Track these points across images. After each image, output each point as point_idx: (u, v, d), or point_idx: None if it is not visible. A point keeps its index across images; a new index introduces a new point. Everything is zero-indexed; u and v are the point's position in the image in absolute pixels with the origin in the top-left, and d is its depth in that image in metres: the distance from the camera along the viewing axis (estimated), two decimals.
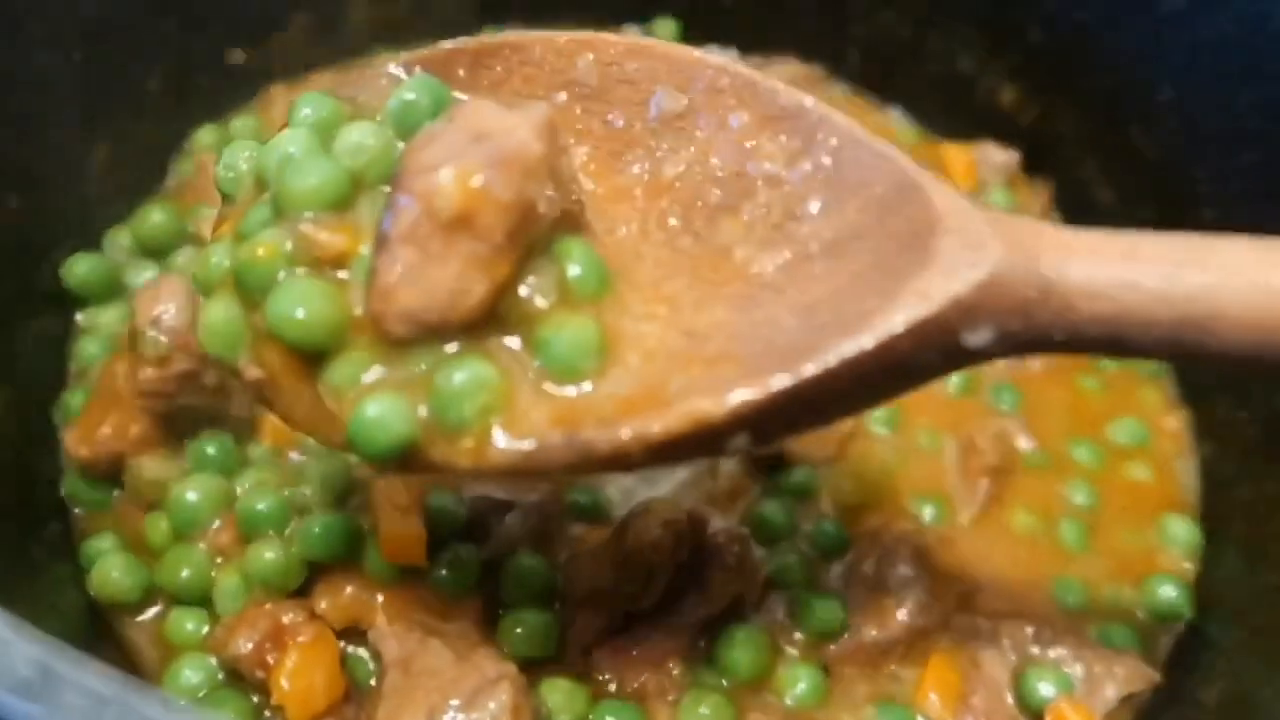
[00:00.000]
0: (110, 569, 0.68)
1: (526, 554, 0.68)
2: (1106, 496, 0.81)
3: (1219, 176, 0.85)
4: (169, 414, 0.71)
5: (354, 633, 0.66)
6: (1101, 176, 0.96)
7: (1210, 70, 0.85)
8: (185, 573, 0.68)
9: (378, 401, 0.46)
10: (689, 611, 0.68)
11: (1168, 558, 0.79)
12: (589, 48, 0.56)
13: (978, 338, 0.48)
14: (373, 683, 0.65)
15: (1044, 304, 0.47)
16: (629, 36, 0.57)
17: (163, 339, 0.69)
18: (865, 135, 0.52)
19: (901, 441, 0.82)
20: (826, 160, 0.52)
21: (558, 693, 0.64)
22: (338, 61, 1.04)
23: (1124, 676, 0.68)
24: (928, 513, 0.78)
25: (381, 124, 0.52)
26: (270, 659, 0.63)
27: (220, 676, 0.65)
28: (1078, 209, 0.99)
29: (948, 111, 1.07)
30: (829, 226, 0.51)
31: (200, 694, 0.64)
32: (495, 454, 0.46)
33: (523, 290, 0.48)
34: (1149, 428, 0.86)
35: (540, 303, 0.48)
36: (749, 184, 0.54)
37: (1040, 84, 0.99)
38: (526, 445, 0.46)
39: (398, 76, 0.56)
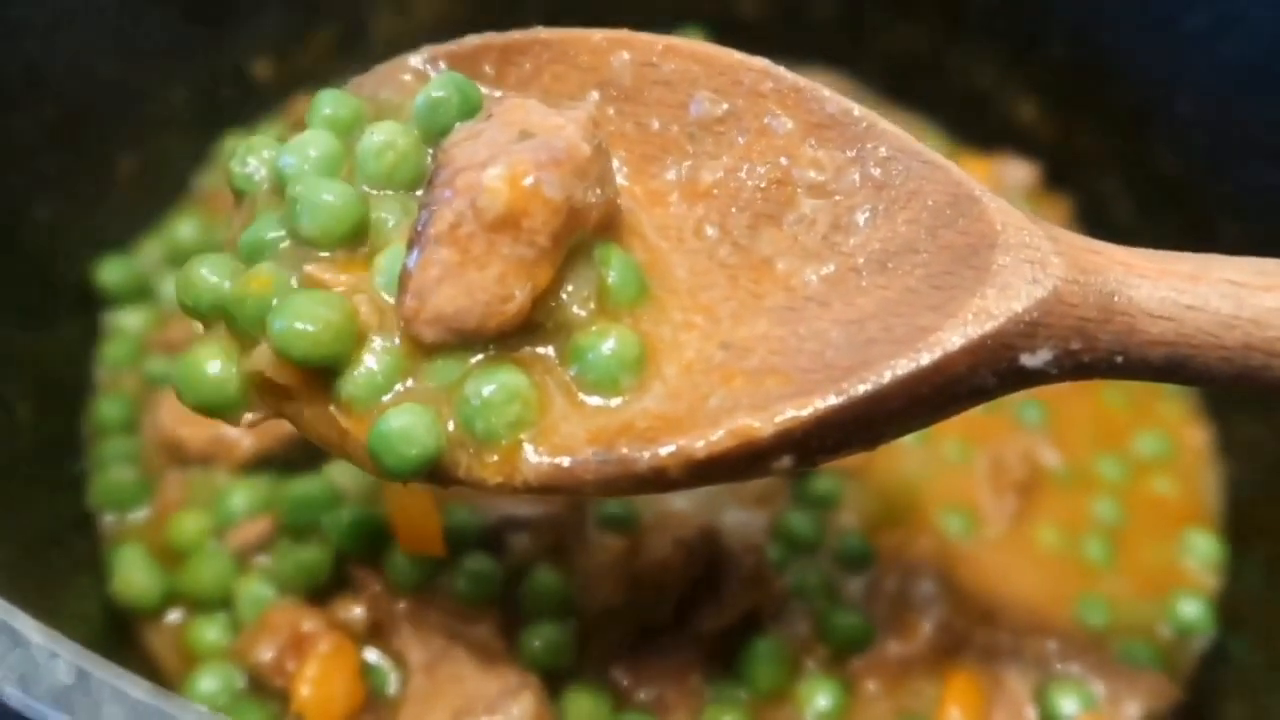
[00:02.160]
0: (133, 574, 0.69)
1: (544, 568, 0.68)
2: (1131, 511, 0.81)
3: (1240, 193, 0.85)
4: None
5: (373, 642, 0.66)
6: (1122, 192, 0.96)
7: (1231, 88, 0.85)
8: (208, 577, 0.68)
9: (401, 414, 0.43)
10: (705, 623, 0.68)
11: (1191, 573, 0.78)
12: (625, 46, 0.54)
13: (1036, 359, 0.46)
14: (391, 692, 0.65)
15: (1106, 324, 0.46)
16: (667, 36, 0.54)
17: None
18: (916, 145, 0.50)
19: (928, 455, 0.81)
20: (875, 170, 0.50)
21: (580, 703, 0.65)
22: (360, 72, 1.04)
23: (1146, 693, 0.69)
24: (953, 527, 0.78)
25: (407, 124, 0.49)
26: (290, 667, 0.63)
27: (240, 684, 0.66)
28: (1098, 224, 0.98)
29: (968, 126, 1.07)
30: (877, 238, 0.49)
31: (219, 702, 0.65)
32: (526, 470, 0.45)
33: (560, 297, 0.46)
34: (1172, 441, 0.86)
35: (578, 311, 0.46)
36: (792, 193, 0.51)
37: (1061, 99, 0.99)
38: (560, 462, 0.44)
39: (421, 71, 0.54)
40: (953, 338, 0.45)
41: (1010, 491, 0.80)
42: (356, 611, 0.66)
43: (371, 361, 0.45)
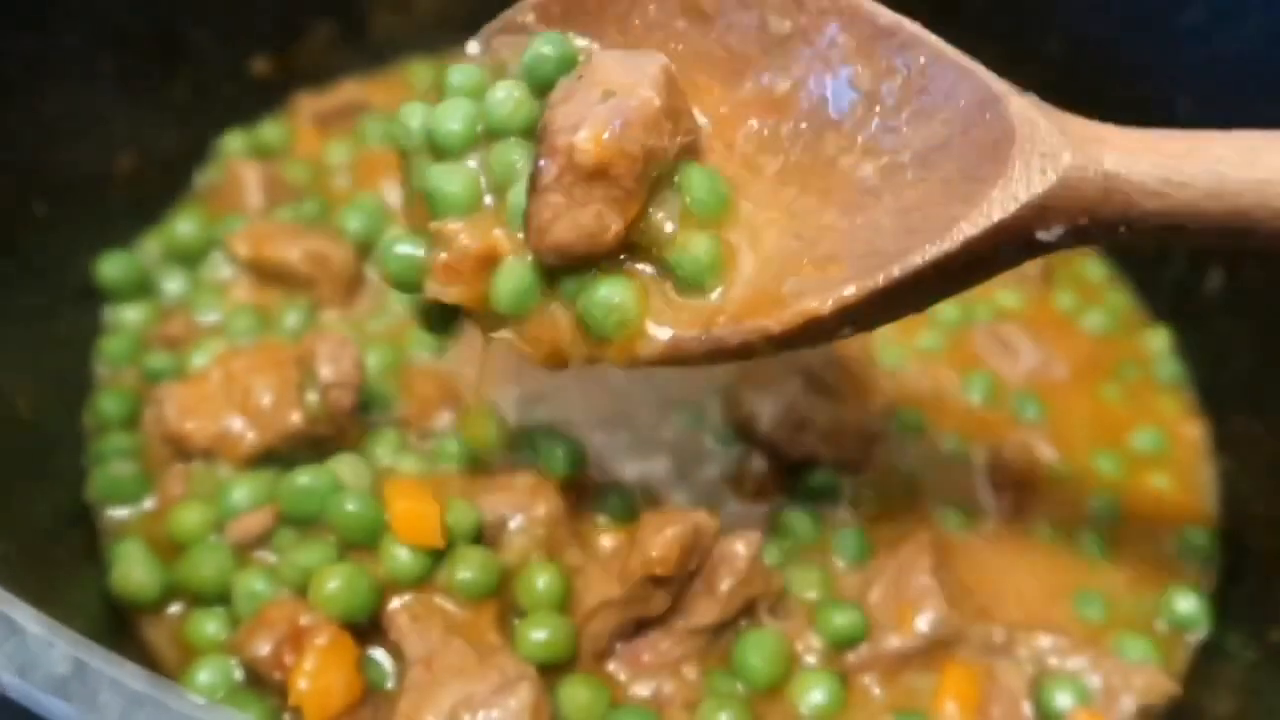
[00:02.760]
0: (132, 567, 0.69)
1: (542, 562, 0.69)
2: (1128, 507, 0.81)
3: None
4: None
5: (371, 636, 0.66)
6: None
7: (1229, 83, 0.85)
8: (207, 571, 0.68)
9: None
10: (700, 616, 0.68)
11: (1187, 569, 0.79)
12: None
13: (1050, 234, 0.54)
14: (389, 685, 0.66)
15: (1108, 202, 0.52)
16: None
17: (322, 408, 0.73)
18: (952, 52, 0.57)
19: (926, 450, 0.82)
20: (917, 76, 0.57)
21: (577, 696, 0.65)
22: (360, 69, 1.05)
23: (1142, 688, 0.68)
24: (951, 522, 0.78)
25: (519, 80, 0.61)
26: (288, 660, 0.63)
27: (238, 678, 0.66)
28: None
29: None
30: (919, 137, 0.56)
31: (217, 695, 0.65)
32: (642, 350, 0.57)
33: (656, 217, 0.57)
34: (1168, 437, 0.86)
35: (668, 227, 0.57)
36: (850, 98, 0.59)
37: (1058, 96, 0.99)
38: (668, 337, 0.57)
39: (530, 25, 0.64)
40: (976, 224, 0.53)
41: (1008, 487, 0.80)
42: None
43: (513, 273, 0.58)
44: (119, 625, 0.69)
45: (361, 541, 0.67)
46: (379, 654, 0.67)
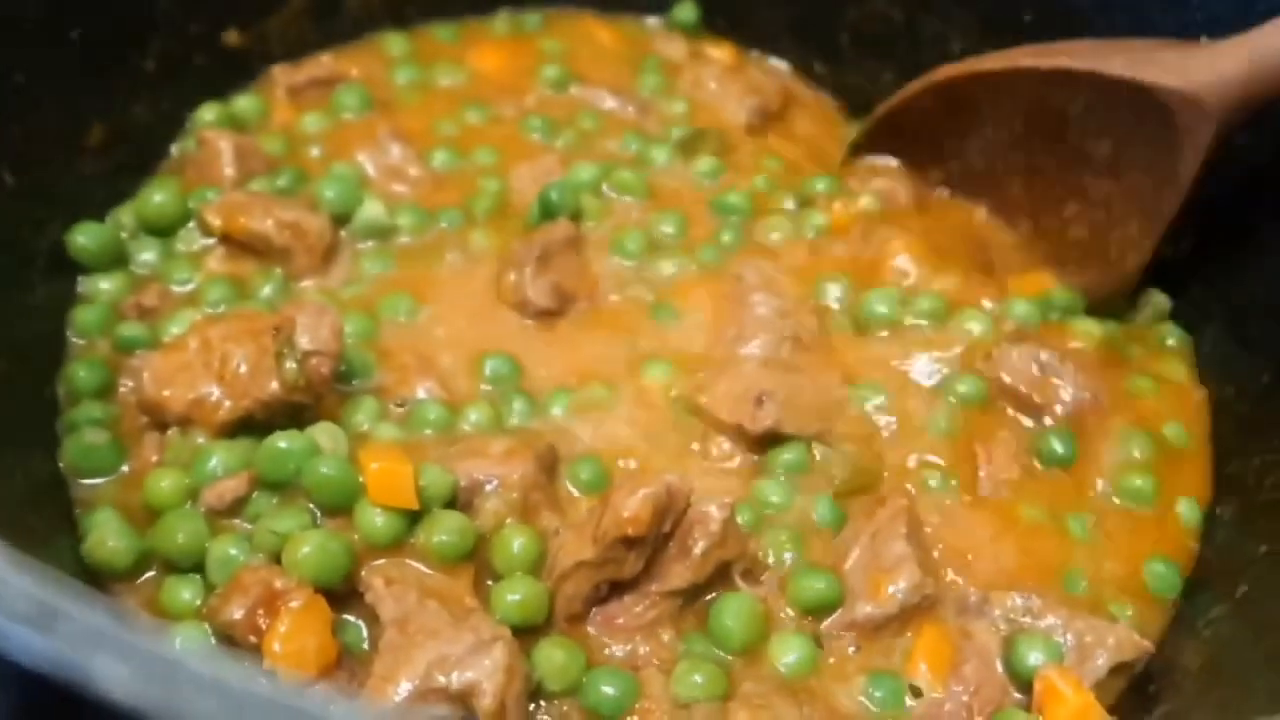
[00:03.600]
0: (106, 535, 0.68)
1: (516, 524, 0.69)
2: (1117, 486, 0.80)
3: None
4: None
5: (347, 600, 0.66)
6: None
7: None
8: (182, 536, 0.68)
9: None
10: (674, 579, 0.68)
11: (1170, 536, 0.79)
12: (927, 90, 0.95)
13: (1240, 136, 0.78)
14: (365, 647, 0.66)
15: (1254, 97, 0.75)
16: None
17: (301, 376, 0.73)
18: (1110, 71, 0.81)
19: (896, 417, 0.82)
20: (1097, 94, 0.83)
21: (553, 657, 0.65)
22: (334, 43, 1.05)
23: (1115, 646, 0.69)
24: (932, 483, 0.78)
25: None
26: (262, 624, 0.63)
27: (213, 644, 0.65)
28: None
29: None
30: (1121, 121, 0.83)
31: None
32: None
33: None
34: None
35: None
36: (1067, 121, 0.87)
37: None
38: None
39: None
40: (1189, 174, 0.80)
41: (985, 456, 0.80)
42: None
43: None
44: (96, 593, 0.69)
45: (337, 505, 0.67)
46: (355, 618, 0.67)
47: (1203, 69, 0.76)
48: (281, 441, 0.69)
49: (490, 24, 1.12)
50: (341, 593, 0.66)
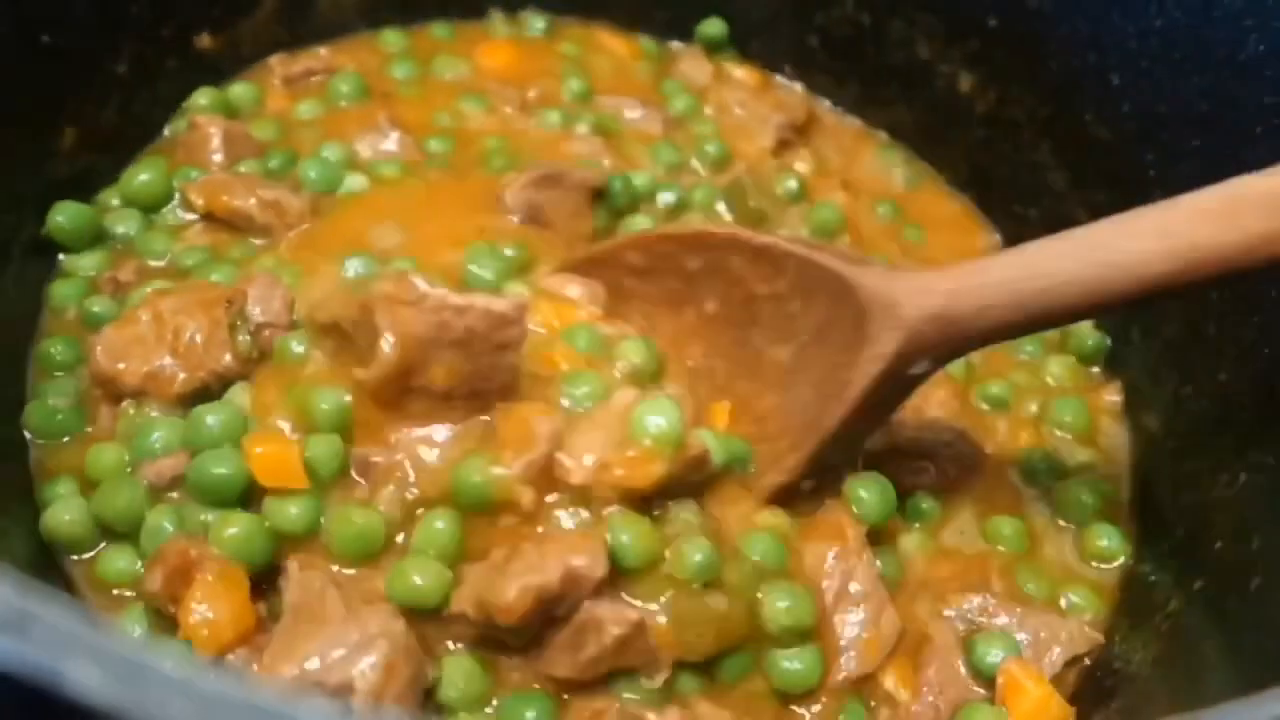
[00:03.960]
0: (63, 511, 0.68)
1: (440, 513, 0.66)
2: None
3: (1168, 159, 0.87)
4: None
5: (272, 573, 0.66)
6: (1054, 160, 0.99)
7: (1160, 57, 0.87)
8: (119, 507, 0.68)
9: None
10: (558, 667, 0.64)
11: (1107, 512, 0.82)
12: (631, 246, 0.82)
13: (919, 368, 0.69)
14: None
15: (947, 334, 0.67)
16: (660, 229, 0.88)
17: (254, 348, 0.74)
18: (810, 252, 0.73)
19: None
20: (794, 275, 0.73)
21: (458, 669, 0.63)
22: (304, 46, 1.05)
23: (1068, 639, 0.71)
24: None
25: None
26: (179, 594, 0.63)
27: (148, 621, 0.65)
28: (1033, 193, 1.01)
29: (907, 98, 1.09)
30: (812, 318, 0.72)
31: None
32: None
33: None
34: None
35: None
36: (759, 302, 0.75)
37: (997, 70, 1.02)
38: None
39: None
40: (858, 387, 0.69)
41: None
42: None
43: None
44: (50, 564, 0.69)
45: (230, 499, 0.66)
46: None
47: (904, 286, 0.68)
48: (208, 416, 0.68)
49: (488, 26, 1.13)
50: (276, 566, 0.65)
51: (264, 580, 0.65)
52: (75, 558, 0.69)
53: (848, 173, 1.08)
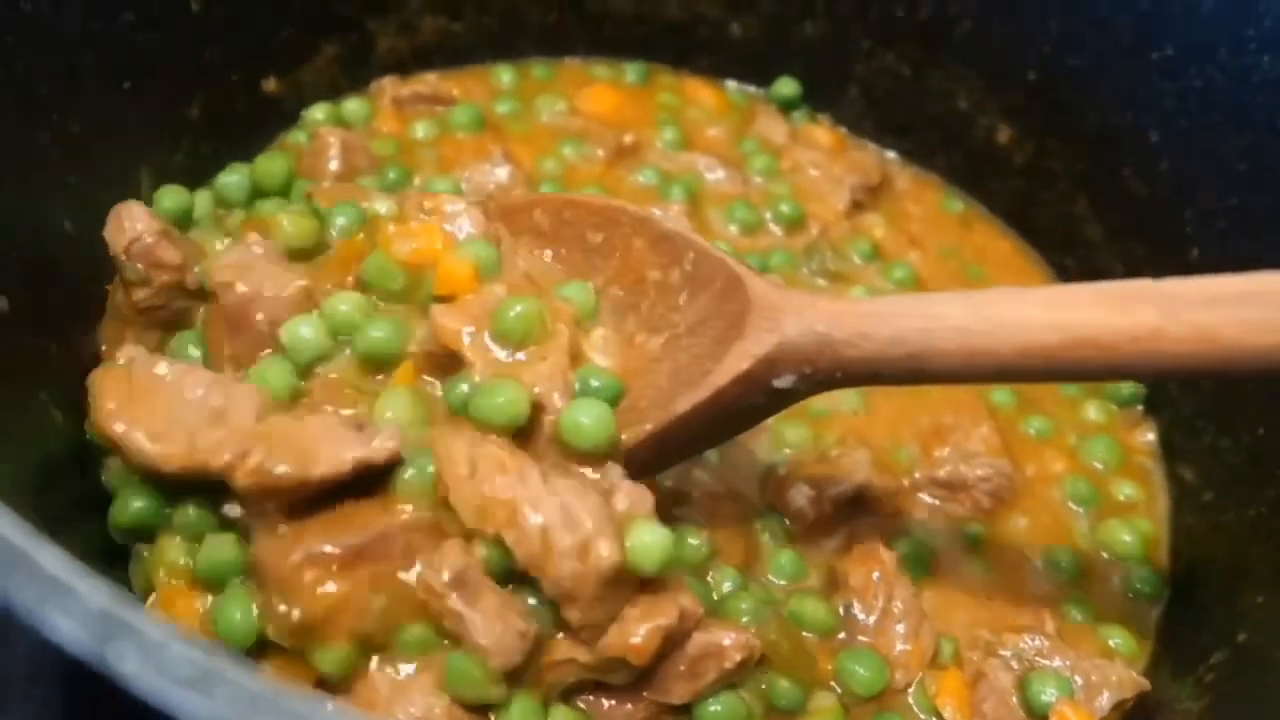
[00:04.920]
0: (130, 499, 0.69)
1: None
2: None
3: (1206, 216, 0.90)
4: (170, 320, 0.78)
5: None
6: (1092, 213, 1.01)
7: (1198, 116, 0.90)
8: None
9: None
10: (673, 695, 0.67)
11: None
12: (539, 204, 0.80)
13: (784, 381, 0.68)
14: None
15: (821, 354, 0.66)
16: (567, 194, 0.87)
17: (139, 265, 0.75)
18: (711, 248, 0.73)
19: None
20: (689, 267, 0.73)
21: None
22: (362, 88, 1.09)
23: (1117, 683, 0.74)
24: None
25: None
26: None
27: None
28: (1069, 244, 1.04)
29: (946, 149, 1.12)
30: (692, 312, 0.72)
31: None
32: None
33: None
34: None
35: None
36: (646, 286, 0.75)
37: (1035, 124, 1.04)
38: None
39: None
40: (721, 376, 0.68)
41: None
42: None
43: None
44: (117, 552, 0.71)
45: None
46: None
47: (792, 299, 0.68)
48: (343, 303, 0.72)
49: (587, 67, 1.17)
50: None
51: None
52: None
53: (913, 222, 1.10)
